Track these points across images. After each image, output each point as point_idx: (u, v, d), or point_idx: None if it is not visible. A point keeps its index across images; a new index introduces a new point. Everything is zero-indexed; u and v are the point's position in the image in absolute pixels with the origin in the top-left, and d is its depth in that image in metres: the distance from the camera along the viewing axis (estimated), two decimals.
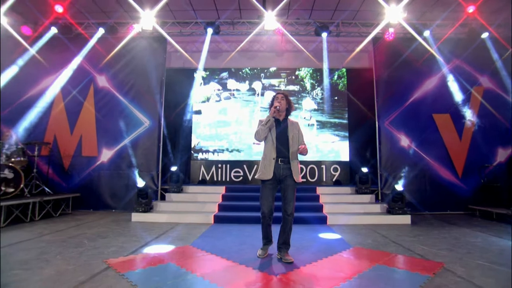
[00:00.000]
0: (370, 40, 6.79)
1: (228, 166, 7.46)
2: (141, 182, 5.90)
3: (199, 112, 7.70)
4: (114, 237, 4.11)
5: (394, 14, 6.11)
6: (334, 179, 7.39)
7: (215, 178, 7.42)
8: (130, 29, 6.63)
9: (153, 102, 6.63)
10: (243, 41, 6.97)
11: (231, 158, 7.51)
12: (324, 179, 7.38)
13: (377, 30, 6.59)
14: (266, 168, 3.10)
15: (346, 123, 7.62)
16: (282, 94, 3.24)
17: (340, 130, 7.60)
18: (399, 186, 5.66)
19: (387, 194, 5.91)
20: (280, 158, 3.11)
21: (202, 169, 7.48)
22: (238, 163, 7.46)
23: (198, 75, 7.56)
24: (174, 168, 6.54)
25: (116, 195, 6.42)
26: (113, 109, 6.66)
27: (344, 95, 7.71)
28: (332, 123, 7.63)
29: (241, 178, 7.41)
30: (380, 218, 5.35)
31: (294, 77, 7.82)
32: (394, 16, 6.14)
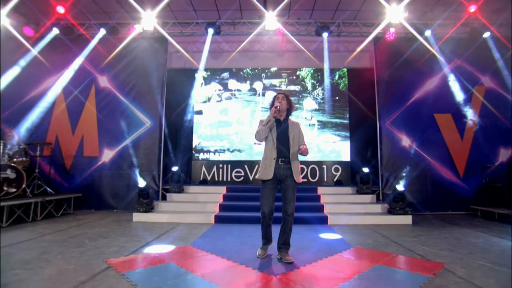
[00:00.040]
0: (371, 40, 6.79)
1: (229, 166, 7.47)
2: (142, 182, 5.92)
3: (200, 112, 7.71)
4: (115, 237, 4.12)
5: (395, 14, 6.10)
6: (335, 179, 7.38)
7: (216, 178, 7.43)
8: (131, 29, 6.66)
9: (154, 102, 6.66)
10: (244, 41, 6.99)
11: (232, 158, 7.52)
12: (325, 179, 7.37)
13: (378, 30, 6.58)
14: (267, 168, 3.10)
15: (347, 123, 7.61)
16: (283, 94, 3.23)
17: (341, 130, 7.59)
18: (400, 186, 5.64)
19: (388, 194, 5.90)
20: (280, 158, 3.11)
21: (203, 169, 7.49)
22: (239, 163, 7.46)
23: (199, 76, 7.58)
24: (175, 168, 6.55)
25: (117, 195, 6.45)
26: (114, 109, 6.69)
27: (345, 95, 7.70)
28: (333, 123, 7.63)
29: (242, 178, 7.42)
30: (381, 218, 5.35)
31: (295, 77, 7.81)
32: (395, 16, 6.13)
